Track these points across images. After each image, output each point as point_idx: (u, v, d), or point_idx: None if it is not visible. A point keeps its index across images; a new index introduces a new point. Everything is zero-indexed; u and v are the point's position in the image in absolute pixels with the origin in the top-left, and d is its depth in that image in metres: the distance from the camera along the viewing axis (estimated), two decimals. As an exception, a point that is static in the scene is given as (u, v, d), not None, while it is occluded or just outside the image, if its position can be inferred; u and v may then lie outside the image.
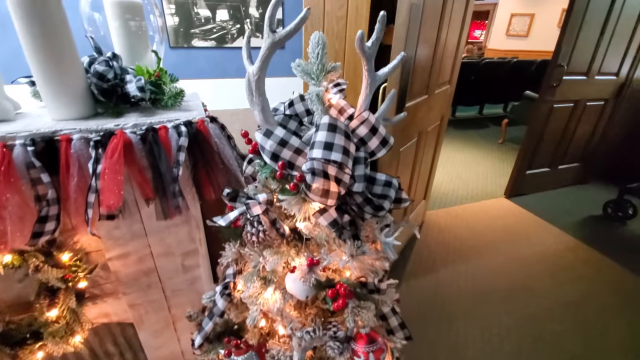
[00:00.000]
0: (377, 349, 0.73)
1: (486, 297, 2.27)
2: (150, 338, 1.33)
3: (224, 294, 0.78)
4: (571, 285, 2.41)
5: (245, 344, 0.75)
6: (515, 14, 9.39)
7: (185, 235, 1.18)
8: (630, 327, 2.07)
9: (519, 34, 9.43)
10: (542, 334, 2.01)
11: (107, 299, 1.20)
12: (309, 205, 0.67)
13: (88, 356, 1.29)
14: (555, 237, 2.95)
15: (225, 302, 0.78)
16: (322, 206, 0.66)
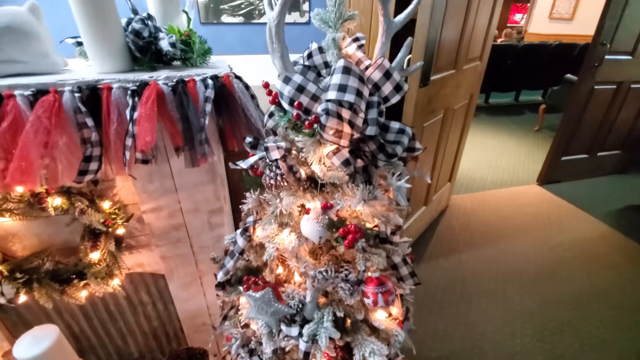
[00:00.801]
0: (386, 291, 0.76)
1: (510, 281, 2.23)
2: (180, 290, 1.44)
3: (244, 234, 0.84)
4: (603, 273, 2.30)
5: (263, 280, 0.81)
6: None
7: (212, 193, 1.26)
8: (667, 318, 1.96)
9: (563, 17, 8.78)
10: (568, 319, 1.95)
11: (142, 250, 1.31)
12: (324, 147, 0.71)
13: (124, 302, 1.42)
14: (589, 225, 2.81)
15: (245, 241, 0.84)
16: (336, 147, 0.69)
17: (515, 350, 1.78)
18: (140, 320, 1.50)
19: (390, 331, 0.83)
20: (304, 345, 0.77)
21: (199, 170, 1.20)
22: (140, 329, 1.52)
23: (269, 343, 0.85)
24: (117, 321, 1.46)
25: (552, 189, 3.34)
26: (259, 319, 0.85)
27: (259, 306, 0.83)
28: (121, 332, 1.49)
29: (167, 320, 1.54)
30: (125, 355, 1.56)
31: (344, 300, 0.81)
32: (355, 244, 0.70)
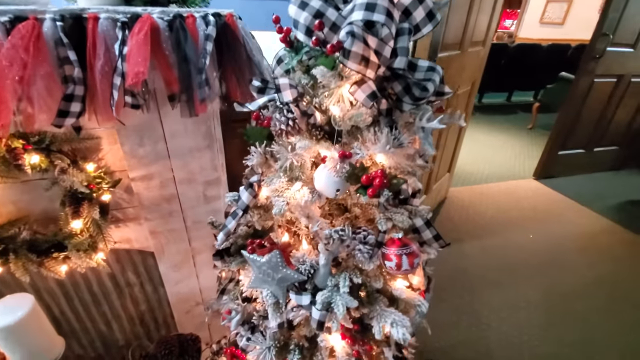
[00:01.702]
0: (411, 252, 0.68)
1: (512, 272, 2.17)
2: (170, 271, 1.33)
3: (248, 188, 0.74)
4: (606, 264, 2.26)
5: (270, 241, 0.71)
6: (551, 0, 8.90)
7: (208, 161, 1.15)
8: (671, 308, 1.93)
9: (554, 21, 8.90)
10: (573, 309, 1.90)
11: (129, 224, 1.20)
12: (345, 83, 0.62)
13: (109, 282, 1.30)
14: (589, 219, 2.78)
15: (250, 196, 0.74)
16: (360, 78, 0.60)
17: (522, 340, 1.71)
18: (126, 303, 1.38)
19: (412, 301, 0.74)
20: (317, 313, 0.67)
21: (195, 134, 1.10)
22: (126, 313, 1.40)
23: (275, 315, 0.75)
24: (101, 304, 1.34)
25: (548, 184, 3.32)
26: (263, 288, 0.75)
27: (264, 272, 0.73)
28: (105, 316, 1.37)
29: (156, 305, 1.43)
30: (109, 341, 1.44)
31: (361, 266, 0.72)
32: (381, 192, 0.61)
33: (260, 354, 0.80)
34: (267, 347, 0.79)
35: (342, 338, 0.75)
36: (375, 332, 0.69)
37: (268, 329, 0.81)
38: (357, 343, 0.74)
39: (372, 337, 0.75)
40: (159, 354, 1.28)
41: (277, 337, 0.81)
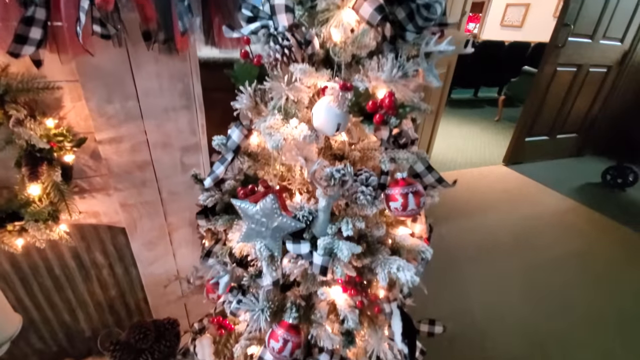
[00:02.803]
0: (417, 191, 0.64)
1: (490, 249, 2.22)
2: (144, 250, 1.22)
3: (239, 126, 0.67)
4: (574, 240, 2.38)
5: (264, 184, 0.64)
6: (510, 4, 9.40)
7: (186, 123, 1.06)
8: (637, 272, 2.05)
9: (513, 24, 9.42)
10: (548, 281, 1.97)
11: (96, 195, 1.08)
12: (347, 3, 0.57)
13: (73, 263, 1.16)
14: (556, 200, 2.93)
15: (242, 134, 0.67)
16: None
17: (503, 310, 1.75)
18: (93, 287, 1.24)
19: (416, 248, 0.70)
20: (319, 259, 0.62)
21: (171, 92, 1.01)
22: (93, 299, 1.26)
23: (270, 271, 0.69)
24: (64, 289, 1.20)
25: (517, 169, 3.47)
26: (256, 242, 0.68)
27: (257, 222, 0.66)
28: (69, 303, 1.23)
29: (127, 288, 1.30)
30: (74, 333, 1.29)
31: (363, 211, 0.67)
32: (389, 119, 0.56)
33: (253, 318, 0.73)
34: (261, 309, 0.73)
35: (343, 291, 0.70)
36: (381, 278, 0.64)
37: (261, 289, 0.74)
38: (361, 294, 0.69)
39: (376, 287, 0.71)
40: (133, 340, 1.16)
41: (272, 297, 0.74)
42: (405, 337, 0.70)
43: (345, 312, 0.67)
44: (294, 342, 0.70)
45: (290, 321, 0.72)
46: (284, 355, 0.70)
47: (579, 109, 3.54)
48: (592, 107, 3.59)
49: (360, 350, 0.84)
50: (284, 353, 0.70)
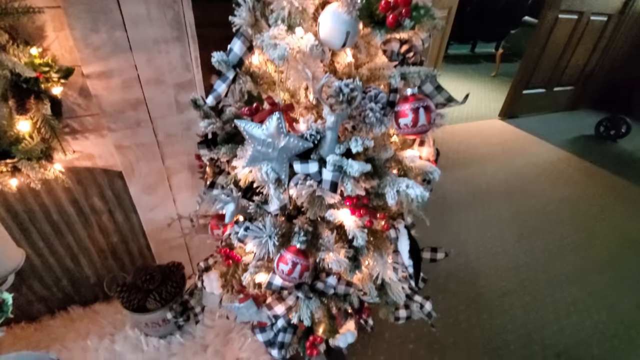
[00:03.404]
0: (428, 106, 0.62)
1: (484, 197, 2.27)
2: (143, 194, 1.20)
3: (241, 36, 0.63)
4: (567, 187, 2.43)
5: (271, 102, 0.62)
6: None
7: (178, 57, 1.00)
8: (625, 217, 2.13)
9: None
10: (541, 225, 2.04)
11: (89, 136, 1.03)
12: None
13: (72, 209, 1.15)
14: (549, 151, 2.96)
15: (244, 46, 0.63)
16: None
17: (497, 251, 1.82)
18: (94, 234, 1.24)
19: (424, 168, 0.69)
20: (329, 174, 0.60)
21: (160, 22, 0.93)
22: (95, 245, 1.26)
23: (277, 194, 0.68)
24: (64, 235, 1.19)
25: (512, 123, 3.47)
26: (262, 165, 0.66)
27: (263, 144, 0.64)
28: (71, 249, 1.23)
29: (129, 235, 1.30)
30: (78, 279, 1.31)
31: (372, 129, 0.65)
32: (402, 22, 0.53)
33: (261, 244, 0.73)
34: (269, 235, 0.73)
35: (351, 213, 0.70)
36: (389, 197, 0.64)
37: (267, 216, 0.74)
38: (369, 214, 0.70)
39: (385, 206, 0.71)
40: (139, 281, 1.18)
41: (279, 224, 0.74)
42: (412, 256, 0.71)
43: (354, 231, 0.67)
44: (303, 264, 0.71)
45: (298, 246, 0.73)
46: (293, 277, 0.71)
47: (577, 61, 3.47)
48: (590, 59, 3.52)
49: (366, 276, 0.86)
50: (293, 275, 0.71)
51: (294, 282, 0.73)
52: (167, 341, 1.25)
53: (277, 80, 0.69)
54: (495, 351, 1.33)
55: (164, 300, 1.17)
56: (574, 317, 1.49)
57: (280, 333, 0.82)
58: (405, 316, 0.96)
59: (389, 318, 1.00)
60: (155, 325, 1.21)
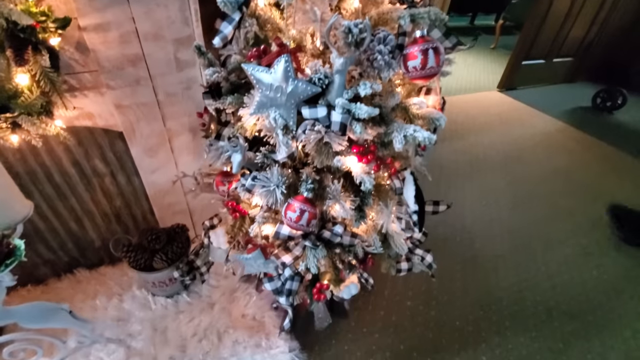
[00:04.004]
0: (437, 47, 0.62)
1: (481, 166, 2.29)
2: (144, 156, 1.20)
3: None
4: (562, 157, 2.47)
5: (278, 42, 0.61)
6: None
7: (177, 11, 0.97)
8: (617, 185, 2.18)
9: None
10: (536, 192, 2.08)
11: (88, 94, 1.02)
12: None
13: (73, 170, 1.14)
14: (546, 122, 2.97)
15: None
16: None
17: (492, 217, 1.86)
18: (97, 197, 1.24)
19: (430, 116, 0.70)
20: (339, 116, 0.61)
21: (158, -29, 0.90)
22: (99, 209, 1.27)
23: (285, 141, 0.68)
24: (68, 198, 1.19)
25: (511, 94, 3.46)
26: (269, 111, 0.66)
27: (271, 88, 0.64)
28: (75, 212, 1.23)
29: (132, 198, 1.31)
30: (83, 242, 1.32)
31: (380, 74, 0.65)
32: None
33: (268, 194, 0.74)
34: (276, 184, 0.74)
35: (358, 160, 0.71)
36: (397, 141, 0.65)
37: (274, 166, 0.75)
38: (376, 159, 0.71)
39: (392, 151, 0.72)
40: (145, 241, 1.20)
41: (286, 173, 0.75)
42: (417, 201, 0.73)
43: (361, 176, 0.68)
44: (310, 212, 0.73)
45: (305, 194, 0.74)
46: (300, 225, 0.73)
47: (577, 33, 3.42)
48: (589, 31, 3.47)
49: (370, 228, 0.89)
50: (300, 222, 0.73)
51: (301, 229, 0.74)
52: (174, 300, 1.28)
53: (283, 26, 0.68)
54: (488, 306, 1.39)
55: (170, 260, 1.19)
56: (565, 276, 1.55)
57: (288, 281, 0.85)
58: (406, 268, 1.00)
59: (390, 272, 1.04)
60: (162, 285, 1.24)
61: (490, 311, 1.38)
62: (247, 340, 1.17)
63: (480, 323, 1.33)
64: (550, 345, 1.26)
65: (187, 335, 1.17)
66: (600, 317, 1.37)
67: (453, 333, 1.29)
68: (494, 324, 1.33)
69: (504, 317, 1.35)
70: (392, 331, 1.28)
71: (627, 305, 1.43)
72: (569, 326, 1.33)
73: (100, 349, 1.11)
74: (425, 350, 1.22)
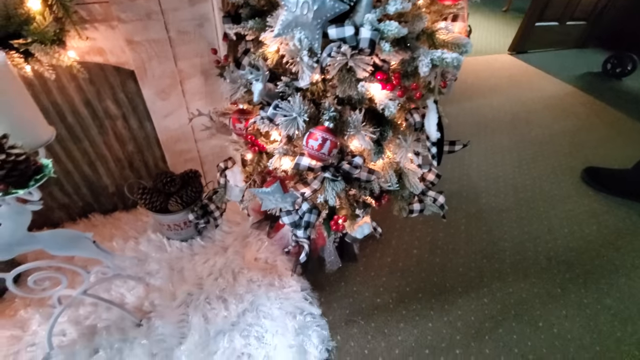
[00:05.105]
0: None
1: (489, 127, 2.29)
2: (156, 98, 1.18)
3: None
4: (569, 120, 2.45)
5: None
6: None
7: (190, -64, 0.92)
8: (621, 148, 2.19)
9: None
10: (541, 152, 2.09)
11: (99, 27, 0.99)
12: None
13: (86, 110, 1.13)
14: (556, 85, 2.93)
15: None
16: None
17: (497, 175, 1.88)
18: (110, 141, 1.24)
19: (456, 42, 0.69)
20: (368, 33, 0.60)
21: None
22: (112, 153, 1.27)
23: (309, 65, 0.67)
24: (81, 140, 1.19)
25: (521, 58, 3.38)
26: (295, 32, 0.65)
27: (297, 5, 0.62)
28: (88, 156, 1.24)
29: (144, 144, 1.31)
30: (97, 187, 1.33)
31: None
32: None
33: (289, 123, 0.74)
34: (298, 113, 0.74)
35: (382, 88, 0.71)
36: (423, 65, 0.64)
37: (296, 95, 0.74)
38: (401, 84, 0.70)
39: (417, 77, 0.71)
40: (160, 184, 1.21)
41: (307, 103, 0.75)
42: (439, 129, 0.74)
43: (385, 102, 0.68)
44: (332, 141, 0.73)
45: (326, 124, 0.74)
46: (322, 153, 0.74)
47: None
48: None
49: (386, 165, 0.90)
50: (322, 150, 0.73)
51: (322, 158, 0.75)
52: (188, 244, 1.32)
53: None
54: (492, 255, 1.44)
55: (185, 203, 1.21)
56: (565, 229, 1.60)
57: (306, 214, 0.87)
58: (418, 209, 1.02)
59: (402, 214, 1.06)
60: (176, 228, 1.27)
61: (492, 260, 1.43)
62: (261, 279, 1.21)
63: (483, 270, 1.38)
64: (549, 290, 1.32)
65: (203, 274, 1.22)
66: (597, 267, 1.43)
67: (457, 278, 1.34)
68: (496, 271, 1.38)
69: (505, 265, 1.41)
70: (399, 275, 1.34)
71: (623, 257, 1.48)
72: (568, 274, 1.39)
73: (120, 284, 1.16)
74: (429, 292, 1.28)
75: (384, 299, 1.25)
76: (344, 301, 1.23)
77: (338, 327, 1.15)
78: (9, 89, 0.66)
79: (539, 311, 1.25)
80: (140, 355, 0.98)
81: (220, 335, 1.05)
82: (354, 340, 1.12)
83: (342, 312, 1.20)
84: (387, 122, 0.81)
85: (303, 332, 1.08)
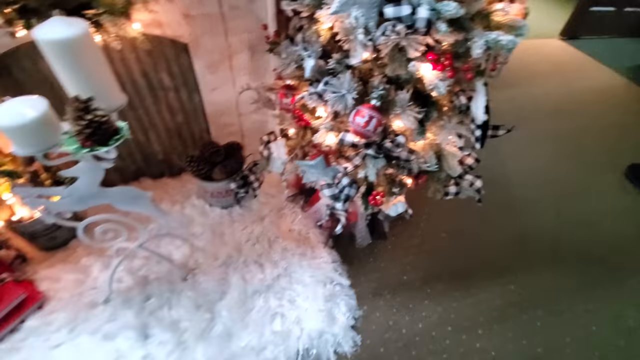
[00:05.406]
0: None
1: (531, 115, 2.21)
2: (206, 72, 1.25)
3: None
4: (617, 114, 2.31)
5: None
6: None
7: None
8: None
9: None
10: (583, 146, 2.00)
11: (160, 0, 1.05)
12: None
13: (142, 81, 1.21)
14: (607, 76, 2.74)
15: None
16: None
17: (534, 167, 1.84)
18: (162, 110, 1.33)
19: (512, 24, 0.69)
20: (425, 12, 0.62)
21: None
22: (163, 122, 1.36)
23: (362, 43, 0.70)
24: (136, 108, 1.28)
25: (573, 44, 3.17)
26: (352, 10, 0.67)
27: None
28: (142, 123, 1.33)
29: (192, 115, 1.39)
30: (148, 154, 1.44)
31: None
32: None
33: (338, 100, 0.78)
34: (347, 90, 0.77)
35: (433, 68, 0.72)
36: (477, 47, 0.65)
37: (346, 73, 0.77)
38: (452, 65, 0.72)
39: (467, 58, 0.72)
40: (207, 154, 1.30)
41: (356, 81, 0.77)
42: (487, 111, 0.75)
43: (435, 82, 0.70)
44: (378, 119, 0.76)
45: (373, 102, 0.77)
46: (367, 130, 0.77)
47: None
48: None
49: (427, 146, 0.92)
50: (368, 128, 0.77)
51: (367, 135, 0.78)
52: (228, 211, 1.41)
53: None
54: (521, 245, 1.44)
55: (228, 172, 1.29)
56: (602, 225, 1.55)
57: (346, 188, 0.92)
58: (454, 192, 1.04)
59: (436, 195, 1.08)
60: (218, 196, 1.36)
61: (522, 249, 1.42)
62: (295, 249, 1.29)
63: (511, 258, 1.39)
64: (578, 283, 1.31)
65: (241, 240, 1.31)
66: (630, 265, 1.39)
67: (484, 264, 1.36)
68: (525, 260, 1.38)
69: (535, 256, 1.40)
70: (426, 256, 1.37)
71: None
72: (599, 269, 1.36)
73: (169, 242, 1.27)
74: (455, 274, 1.31)
75: (410, 277, 1.30)
76: (371, 275, 1.29)
77: (365, 298, 1.21)
78: (91, 56, 0.73)
79: (565, 303, 1.25)
80: (186, 305, 1.09)
81: (257, 295, 1.14)
82: (380, 312, 1.18)
83: (370, 285, 1.26)
84: (432, 103, 0.83)
85: (332, 299, 1.15)
